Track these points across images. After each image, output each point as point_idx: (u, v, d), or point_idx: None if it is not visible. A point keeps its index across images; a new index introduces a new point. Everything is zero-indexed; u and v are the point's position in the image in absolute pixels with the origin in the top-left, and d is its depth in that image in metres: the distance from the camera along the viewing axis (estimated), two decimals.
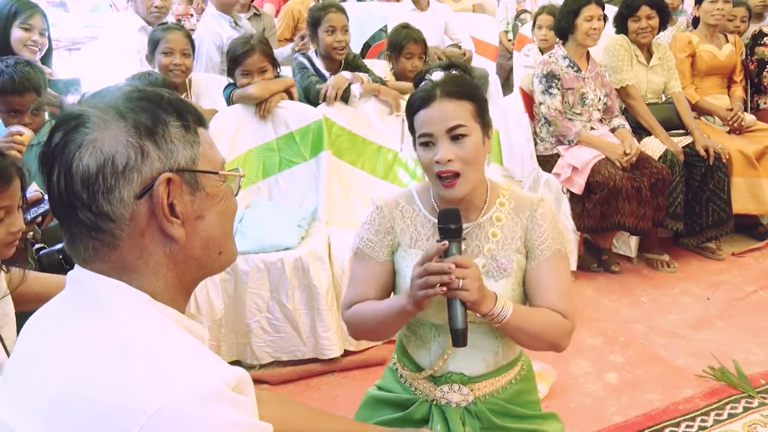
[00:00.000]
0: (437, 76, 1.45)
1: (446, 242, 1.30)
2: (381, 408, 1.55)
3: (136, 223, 0.80)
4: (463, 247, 1.37)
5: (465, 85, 1.44)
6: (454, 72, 1.47)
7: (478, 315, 1.34)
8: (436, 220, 1.41)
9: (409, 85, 3.61)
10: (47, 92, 2.91)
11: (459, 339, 1.31)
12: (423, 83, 1.47)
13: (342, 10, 3.30)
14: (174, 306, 0.84)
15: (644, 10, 3.65)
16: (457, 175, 1.39)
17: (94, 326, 0.78)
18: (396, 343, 1.58)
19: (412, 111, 1.44)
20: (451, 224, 1.33)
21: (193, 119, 0.86)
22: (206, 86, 3.13)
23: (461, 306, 1.29)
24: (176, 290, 0.86)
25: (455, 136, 1.39)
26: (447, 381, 1.46)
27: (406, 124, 1.51)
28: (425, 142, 1.41)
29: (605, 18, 3.49)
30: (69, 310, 0.83)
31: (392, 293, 1.52)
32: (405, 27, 3.56)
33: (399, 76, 3.51)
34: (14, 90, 2.26)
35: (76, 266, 0.84)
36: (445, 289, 1.27)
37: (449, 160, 1.37)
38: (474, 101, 1.42)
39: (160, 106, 0.83)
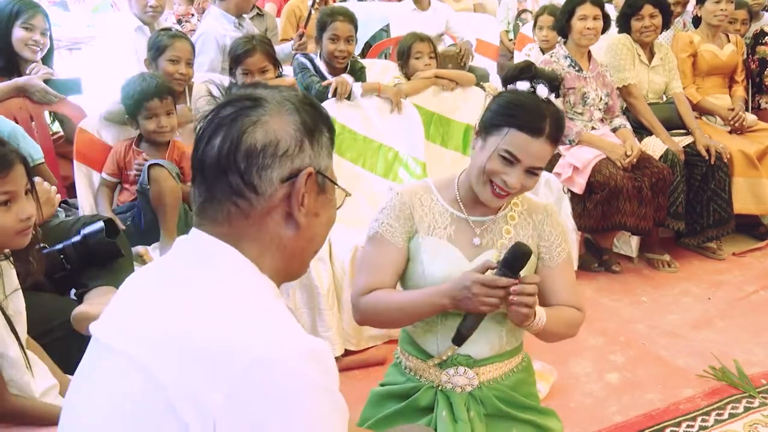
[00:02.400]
0: (541, 91, 1.46)
1: (504, 278, 1.36)
2: (386, 402, 1.56)
3: (272, 201, 0.90)
4: (477, 240, 1.51)
5: (561, 130, 1.48)
6: (554, 99, 1.50)
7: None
8: (454, 211, 1.52)
9: (460, 73, 3.62)
10: (47, 91, 2.91)
11: (459, 340, 1.39)
12: (522, 86, 1.48)
13: (350, 19, 3.22)
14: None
15: (647, 9, 3.65)
16: (508, 195, 1.47)
17: (205, 278, 0.87)
18: (400, 335, 1.61)
19: (510, 122, 1.44)
20: (517, 262, 1.37)
21: (333, 137, 0.99)
22: (205, 90, 3.12)
23: (480, 317, 1.39)
24: (276, 273, 0.94)
25: (531, 172, 1.46)
26: (453, 363, 1.49)
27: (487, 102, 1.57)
28: (508, 158, 1.44)
29: (606, 17, 3.48)
30: (180, 262, 0.91)
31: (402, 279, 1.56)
32: (409, 33, 3.55)
33: (410, 79, 3.49)
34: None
35: (192, 229, 0.93)
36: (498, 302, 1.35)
37: (514, 188, 1.45)
38: (555, 146, 1.49)
39: (320, 116, 0.96)
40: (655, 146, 3.57)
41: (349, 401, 1.59)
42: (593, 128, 3.50)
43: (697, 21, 4.19)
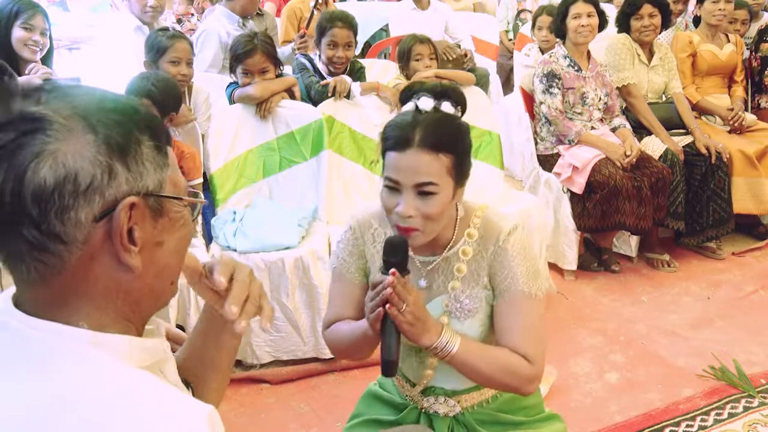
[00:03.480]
0: (425, 103, 1.30)
1: (385, 276, 1.23)
2: (377, 405, 1.56)
3: (88, 246, 0.71)
4: (423, 283, 1.36)
5: (448, 133, 1.28)
6: (443, 107, 1.30)
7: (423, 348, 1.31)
8: None
9: (460, 73, 3.61)
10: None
11: (387, 370, 1.23)
12: (406, 109, 1.33)
13: (349, 25, 3.20)
14: (126, 332, 0.77)
15: (647, 9, 3.65)
16: (416, 229, 1.28)
17: (23, 382, 0.68)
18: None
19: (385, 145, 1.31)
20: (391, 258, 1.25)
21: (165, 138, 0.79)
22: (205, 90, 3.11)
23: (395, 336, 1.24)
24: (128, 319, 0.77)
25: (423, 192, 1.26)
26: (432, 393, 1.45)
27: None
28: (390, 186, 1.29)
29: (602, 14, 3.49)
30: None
31: None
32: (409, 35, 3.55)
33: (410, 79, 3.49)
34: None
35: (3, 302, 0.74)
36: (382, 311, 1.22)
37: (410, 216, 1.26)
38: (453, 153, 1.28)
39: (134, 122, 0.74)
40: (654, 146, 3.57)
41: (348, 400, 1.59)
42: (593, 128, 3.50)
43: (697, 21, 4.20)
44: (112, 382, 0.69)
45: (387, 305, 1.22)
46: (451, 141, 1.28)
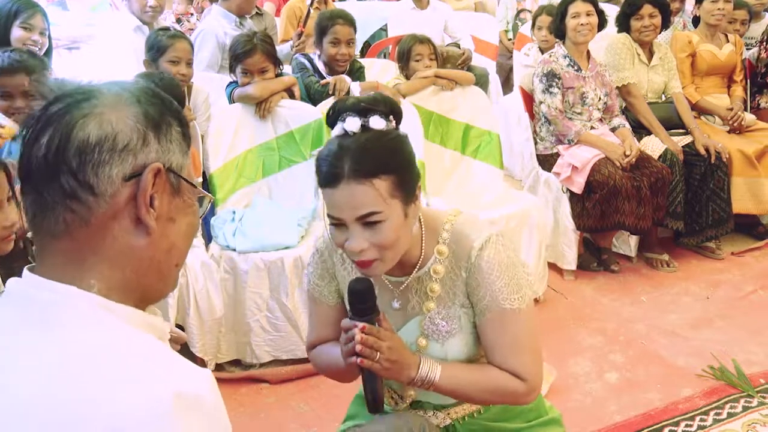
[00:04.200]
0: (351, 124, 1.19)
1: (356, 324, 1.21)
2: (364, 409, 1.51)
3: (114, 202, 0.78)
4: (396, 304, 1.33)
5: (378, 156, 1.18)
6: (372, 122, 1.19)
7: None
8: None
9: (459, 73, 3.61)
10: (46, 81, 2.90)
11: (372, 409, 1.23)
12: (335, 134, 1.23)
13: (349, 22, 3.22)
14: (130, 303, 0.82)
15: (647, 9, 3.65)
16: (374, 259, 1.21)
17: (36, 343, 0.73)
18: None
19: (318, 181, 1.24)
20: (359, 305, 1.22)
21: (188, 135, 0.88)
22: (204, 90, 3.11)
23: (376, 378, 1.23)
24: (132, 289, 0.82)
25: (368, 222, 1.18)
26: (420, 407, 1.41)
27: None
28: (334, 223, 1.22)
29: (601, 13, 3.49)
30: (9, 325, 0.77)
31: None
32: (409, 35, 3.55)
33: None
34: (3, 71, 2.24)
35: (24, 273, 0.80)
36: (360, 360, 1.21)
37: (361, 251, 1.19)
38: (390, 173, 1.18)
39: (168, 108, 0.85)
40: (654, 146, 3.57)
41: (348, 400, 1.59)
42: (592, 128, 3.50)
43: (696, 21, 4.20)
44: (121, 341, 0.75)
45: (359, 360, 1.20)
46: (383, 162, 1.18)
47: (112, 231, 0.79)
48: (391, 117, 1.24)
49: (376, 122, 1.20)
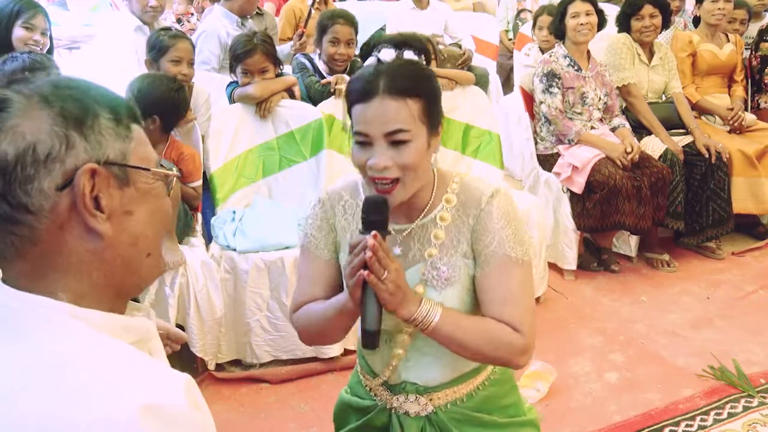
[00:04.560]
0: (386, 54, 1.26)
1: (367, 236, 1.16)
2: (348, 414, 1.49)
3: (56, 215, 0.74)
4: (397, 250, 1.29)
5: (413, 77, 1.23)
6: (406, 55, 1.26)
7: (403, 320, 1.23)
8: None
9: (459, 72, 3.61)
10: None
11: (368, 341, 1.18)
12: (368, 63, 1.28)
13: (350, 23, 3.21)
14: (104, 308, 0.79)
15: (647, 9, 3.66)
16: (395, 180, 1.22)
17: (1, 354, 0.71)
18: (357, 344, 1.48)
19: (349, 100, 1.25)
20: (372, 216, 1.19)
21: (127, 114, 0.81)
22: (205, 90, 3.11)
23: (376, 305, 1.18)
24: (104, 291, 0.79)
25: (395, 141, 1.20)
26: (402, 391, 1.36)
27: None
28: (361, 141, 1.22)
29: (601, 13, 3.49)
30: None
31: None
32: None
33: None
34: (25, 72, 2.23)
35: None
36: (367, 273, 1.15)
37: (385, 167, 1.20)
38: (422, 97, 1.22)
39: (90, 97, 0.78)
40: (654, 146, 3.57)
41: None
42: (592, 128, 3.50)
43: (697, 21, 4.20)
44: (90, 351, 0.71)
45: (366, 272, 1.15)
46: (417, 85, 1.22)
47: (65, 243, 0.76)
48: (423, 56, 1.29)
49: (410, 55, 1.26)
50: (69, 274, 0.77)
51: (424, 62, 1.29)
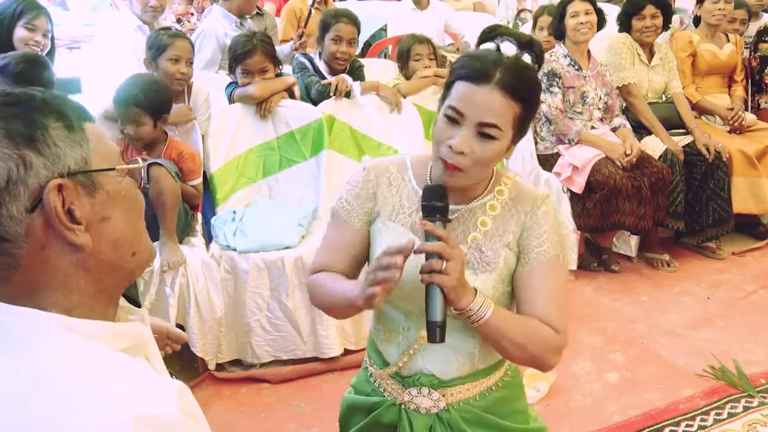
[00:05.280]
0: (507, 48, 1.25)
1: (426, 222, 1.15)
2: (354, 414, 1.46)
3: (33, 237, 0.73)
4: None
5: (527, 83, 1.23)
6: (525, 58, 1.25)
7: (454, 311, 1.19)
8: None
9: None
10: None
11: (435, 334, 1.14)
12: (486, 46, 1.28)
13: (353, 22, 3.23)
14: (97, 315, 0.78)
15: (649, 9, 3.66)
16: (461, 167, 1.21)
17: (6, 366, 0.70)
18: (368, 338, 1.46)
19: (458, 74, 1.23)
20: (435, 201, 1.18)
21: (77, 115, 0.78)
22: (204, 90, 3.11)
23: (441, 295, 1.14)
24: (95, 298, 0.79)
25: (483, 133, 1.20)
26: (415, 384, 1.33)
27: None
28: (452, 117, 1.21)
29: (600, 13, 3.49)
30: None
31: (367, 265, 1.38)
32: (408, 35, 3.55)
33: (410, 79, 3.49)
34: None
35: None
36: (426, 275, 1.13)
37: (461, 153, 1.19)
38: (525, 104, 1.23)
39: (35, 108, 0.75)
40: (654, 146, 3.58)
41: None
42: (593, 128, 3.50)
43: (697, 21, 4.20)
44: (83, 362, 0.71)
45: (428, 271, 1.13)
46: (527, 91, 1.23)
47: (49, 261, 0.75)
48: (536, 64, 1.29)
49: (527, 59, 1.26)
50: (57, 291, 0.76)
51: (536, 69, 1.30)
